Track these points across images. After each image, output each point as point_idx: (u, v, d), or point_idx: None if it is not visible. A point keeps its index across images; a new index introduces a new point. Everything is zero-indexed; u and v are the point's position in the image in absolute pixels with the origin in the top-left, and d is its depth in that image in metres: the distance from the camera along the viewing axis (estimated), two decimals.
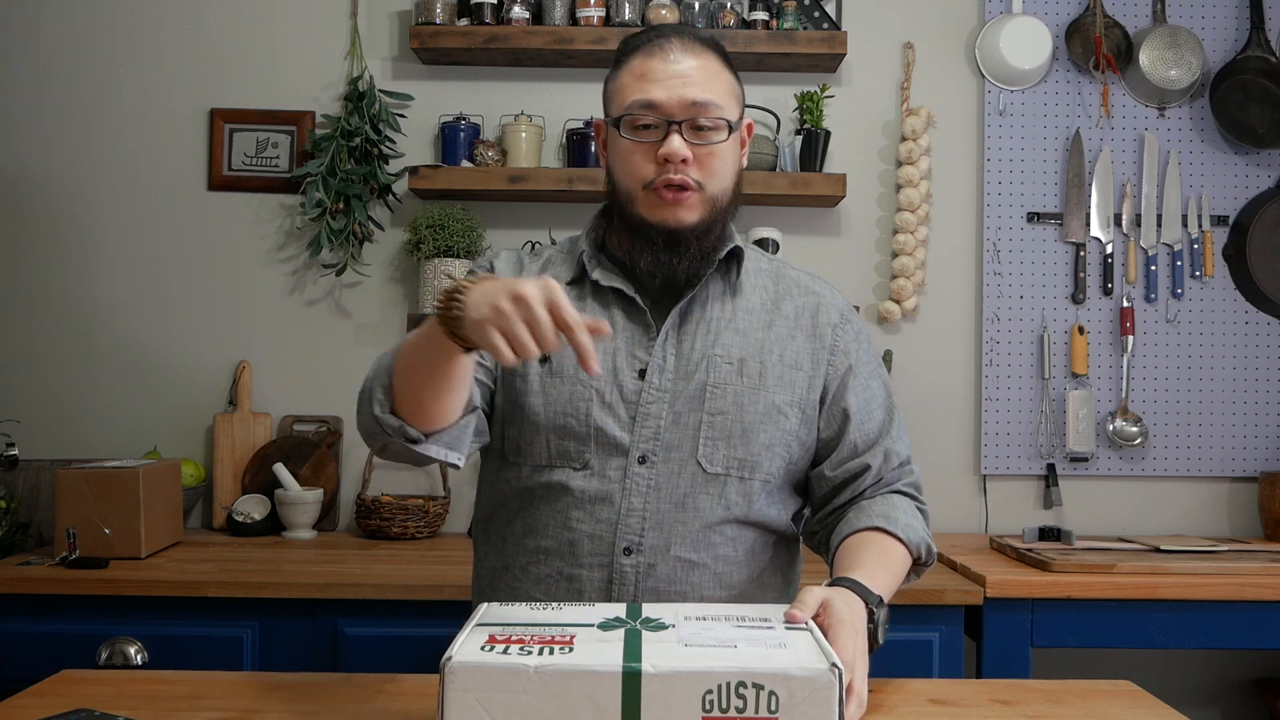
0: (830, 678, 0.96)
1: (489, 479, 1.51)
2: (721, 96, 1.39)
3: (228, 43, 2.71)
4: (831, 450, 1.46)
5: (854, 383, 1.46)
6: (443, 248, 2.54)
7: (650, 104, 1.37)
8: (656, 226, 1.39)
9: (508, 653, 0.99)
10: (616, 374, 1.41)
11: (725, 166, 1.40)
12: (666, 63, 1.38)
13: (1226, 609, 2.08)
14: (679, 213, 1.38)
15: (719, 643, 1.02)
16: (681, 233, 1.39)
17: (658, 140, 1.37)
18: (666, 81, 1.37)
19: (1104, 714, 1.21)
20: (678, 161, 1.36)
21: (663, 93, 1.36)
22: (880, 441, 1.46)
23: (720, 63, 1.42)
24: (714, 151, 1.38)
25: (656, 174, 1.38)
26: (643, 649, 1.00)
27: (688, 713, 0.95)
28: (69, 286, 2.70)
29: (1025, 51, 2.64)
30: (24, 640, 2.03)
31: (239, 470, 2.62)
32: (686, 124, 1.37)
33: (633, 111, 1.38)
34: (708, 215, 1.40)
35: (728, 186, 1.41)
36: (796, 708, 0.95)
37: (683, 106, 1.36)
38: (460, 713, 0.97)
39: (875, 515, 1.39)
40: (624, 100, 1.39)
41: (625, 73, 1.41)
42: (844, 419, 1.45)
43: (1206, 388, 2.70)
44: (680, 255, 1.40)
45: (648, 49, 1.40)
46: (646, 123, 1.38)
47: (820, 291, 1.52)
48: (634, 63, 1.40)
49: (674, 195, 1.37)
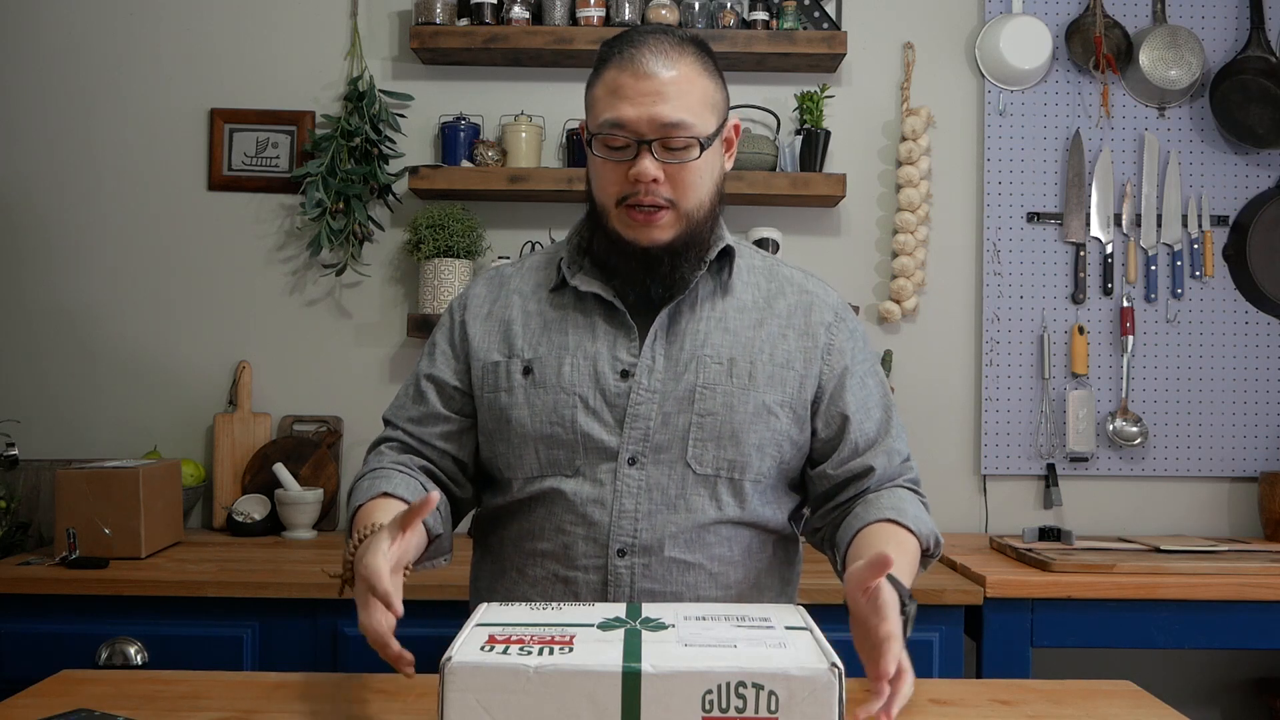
0: (830, 677, 0.96)
1: (484, 491, 1.53)
2: (694, 112, 1.35)
3: (227, 43, 2.71)
4: (832, 451, 1.45)
5: (850, 382, 1.46)
6: (443, 248, 2.54)
7: (620, 123, 1.34)
8: (630, 244, 1.39)
9: (507, 653, 0.99)
10: (598, 378, 1.40)
11: (700, 181, 1.38)
12: (638, 78, 1.34)
13: (1226, 609, 2.08)
14: (652, 232, 1.38)
15: (719, 642, 1.02)
16: (655, 251, 1.38)
17: (629, 159, 1.35)
18: (637, 100, 1.34)
19: (1104, 714, 1.21)
20: (648, 182, 1.35)
21: (633, 111, 1.34)
22: (882, 441, 1.45)
23: (698, 68, 1.38)
24: (686, 169, 1.36)
25: (629, 192, 1.36)
26: (642, 649, 1.00)
27: (687, 713, 0.95)
28: (69, 286, 2.70)
29: (1025, 51, 2.64)
30: (24, 640, 2.03)
31: (239, 470, 2.62)
32: (657, 143, 1.34)
33: (604, 130, 1.36)
34: (683, 232, 1.39)
35: (704, 200, 1.39)
36: (796, 707, 0.95)
37: (652, 126, 1.34)
38: (460, 713, 0.97)
39: (885, 508, 1.38)
40: (598, 115, 1.38)
41: (600, 84, 1.39)
42: (843, 420, 1.44)
43: (1206, 388, 2.70)
44: (654, 273, 1.39)
45: (619, 60, 1.37)
46: (618, 143, 1.36)
47: (814, 290, 1.51)
48: (607, 75, 1.38)
49: (645, 216, 1.36)
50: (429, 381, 1.49)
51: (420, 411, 1.49)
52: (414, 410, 1.49)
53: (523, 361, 1.43)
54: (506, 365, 1.44)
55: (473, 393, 1.47)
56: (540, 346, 1.43)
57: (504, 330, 1.46)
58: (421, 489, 1.40)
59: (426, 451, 1.48)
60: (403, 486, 1.39)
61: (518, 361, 1.43)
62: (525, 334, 1.45)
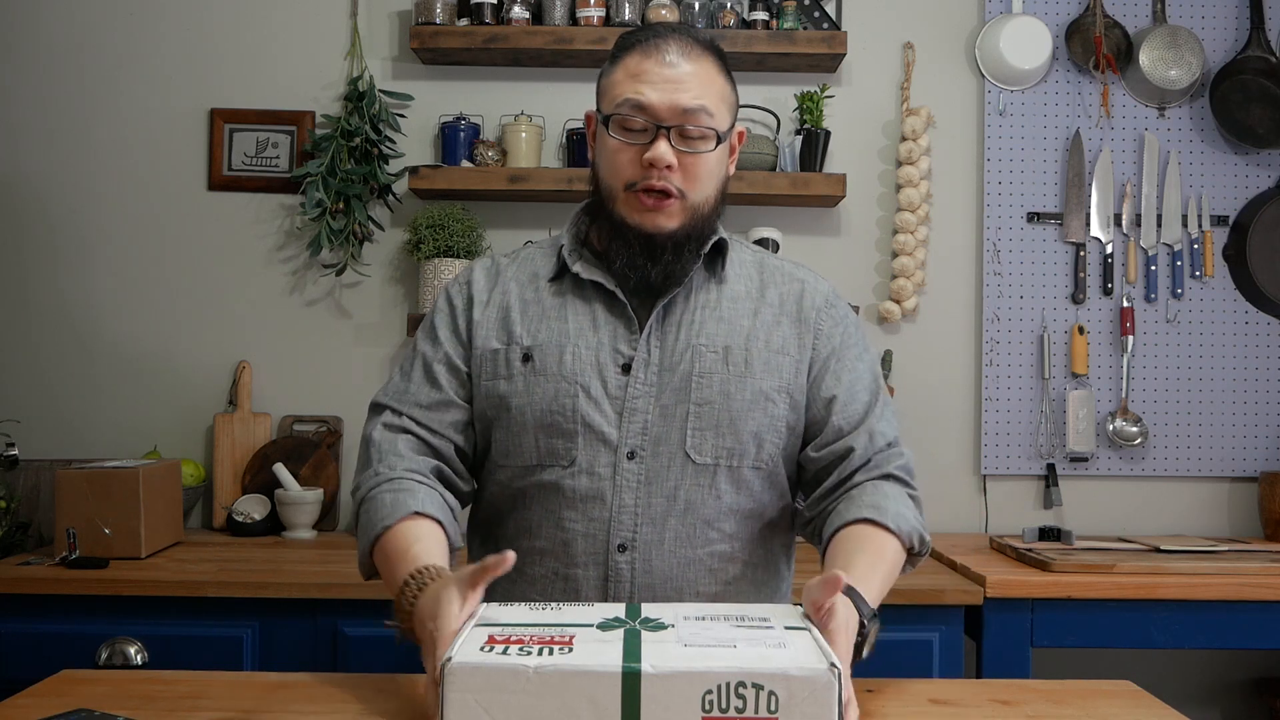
0: (830, 677, 0.96)
1: (480, 482, 1.52)
2: (713, 104, 1.38)
3: (228, 43, 2.71)
4: (817, 433, 1.44)
5: (837, 365, 1.45)
6: (443, 248, 2.54)
7: (641, 105, 1.36)
8: (635, 230, 1.39)
9: (507, 653, 0.99)
10: (600, 369, 1.40)
11: (710, 175, 1.40)
12: (662, 65, 1.37)
13: (1226, 609, 2.08)
14: (658, 219, 1.38)
15: (718, 643, 1.02)
16: (659, 238, 1.38)
17: (645, 143, 1.36)
18: (660, 84, 1.36)
19: (1104, 714, 1.21)
20: (662, 167, 1.36)
21: (655, 95, 1.35)
22: (864, 422, 1.43)
23: (717, 68, 1.41)
24: (700, 160, 1.38)
25: (640, 176, 1.37)
26: (642, 649, 1.00)
27: (687, 713, 0.95)
28: (69, 286, 2.70)
29: (1025, 51, 2.64)
30: (24, 640, 2.03)
31: (239, 470, 2.62)
32: (675, 130, 1.36)
33: (623, 111, 1.37)
34: (687, 222, 1.39)
35: (710, 195, 1.41)
36: (796, 707, 0.95)
37: (673, 112, 1.35)
38: (460, 713, 0.97)
39: (865, 506, 1.35)
40: (616, 97, 1.38)
41: (620, 69, 1.40)
42: (828, 401, 1.43)
43: (1206, 388, 2.70)
44: (655, 260, 1.39)
45: (644, 48, 1.38)
46: (635, 125, 1.37)
47: (805, 278, 1.51)
48: (629, 60, 1.39)
49: (655, 201, 1.37)
50: (442, 365, 1.45)
51: (434, 398, 1.44)
52: (426, 396, 1.44)
53: (522, 349, 1.42)
54: (505, 352, 1.43)
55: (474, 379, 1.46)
56: (540, 334, 1.43)
57: (502, 317, 1.46)
58: (444, 505, 1.38)
59: (436, 442, 1.43)
60: (430, 503, 1.35)
61: (517, 349, 1.43)
62: (524, 321, 1.44)
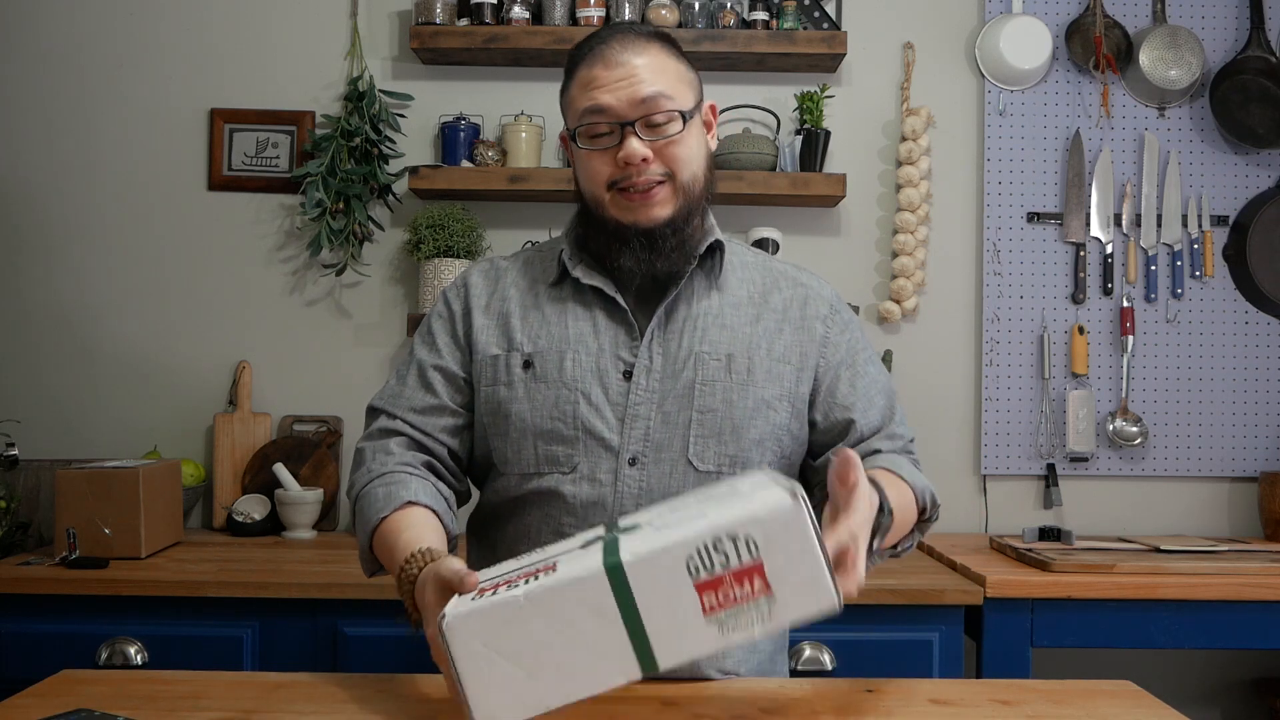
0: (795, 504, 0.96)
1: (480, 488, 1.52)
2: (670, 87, 1.37)
3: (228, 43, 2.71)
4: (835, 439, 1.45)
5: (850, 375, 1.46)
6: (443, 248, 2.54)
7: (600, 109, 1.36)
8: (630, 228, 1.38)
9: (496, 594, 1.00)
10: (601, 375, 1.40)
11: (690, 153, 1.39)
12: (610, 67, 1.36)
13: (1226, 609, 2.08)
14: (651, 210, 1.38)
15: (689, 518, 1.02)
16: (657, 230, 1.38)
17: (615, 144, 1.36)
18: (612, 85, 1.36)
19: (1104, 714, 1.21)
20: (637, 162, 1.35)
21: (610, 96, 1.35)
22: (885, 428, 1.47)
23: (667, 52, 1.40)
24: (674, 142, 1.37)
25: (619, 176, 1.37)
26: (620, 546, 1.00)
27: (680, 587, 0.96)
28: (69, 286, 2.70)
29: (1025, 51, 2.64)
30: (24, 640, 2.03)
31: (239, 470, 2.62)
32: (640, 122, 1.35)
33: (586, 121, 1.37)
34: (682, 205, 1.39)
35: (697, 172, 1.40)
36: (775, 542, 0.96)
37: (632, 105, 1.35)
38: (470, 663, 0.97)
39: (883, 463, 1.39)
40: (577, 111, 1.39)
41: (574, 84, 1.40)
42: (846, 412, 1.45)
43: (1206, 388, 2.70)
44: (659, 251, 1.39)
45: (590, 57, 1.39)
46: (601, 130, 1.37)
47: (808, 284, 1.51)
48: (580, 73, 1.39)
49: (641, 196, 1.37)
50: (437, 372, 1.46)
51: (428, 402, 1.45)
52: (420, 400, 1.46)
53: (522, 355, 1.42)
54: (506, 359, 1.43)
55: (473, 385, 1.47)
56: (540, 340, 1.43)
57: (502, 323, 1.46)
58: (438, 494, 1.39)
59: (430, 444, 1.45)
60: (423, 493, 1.37)
61: (517, 355, 1.42)
62: (524, 327, 1.44)
